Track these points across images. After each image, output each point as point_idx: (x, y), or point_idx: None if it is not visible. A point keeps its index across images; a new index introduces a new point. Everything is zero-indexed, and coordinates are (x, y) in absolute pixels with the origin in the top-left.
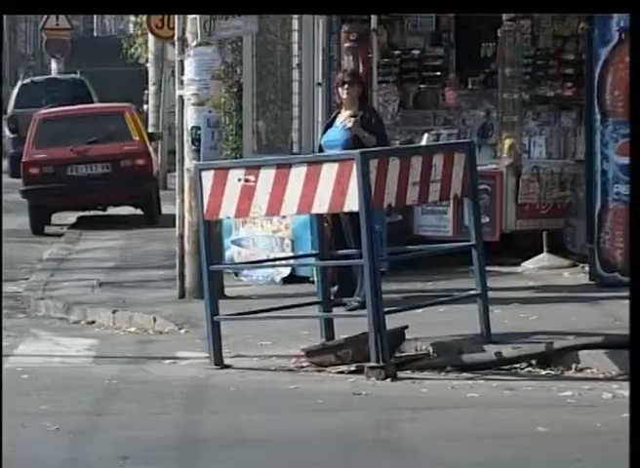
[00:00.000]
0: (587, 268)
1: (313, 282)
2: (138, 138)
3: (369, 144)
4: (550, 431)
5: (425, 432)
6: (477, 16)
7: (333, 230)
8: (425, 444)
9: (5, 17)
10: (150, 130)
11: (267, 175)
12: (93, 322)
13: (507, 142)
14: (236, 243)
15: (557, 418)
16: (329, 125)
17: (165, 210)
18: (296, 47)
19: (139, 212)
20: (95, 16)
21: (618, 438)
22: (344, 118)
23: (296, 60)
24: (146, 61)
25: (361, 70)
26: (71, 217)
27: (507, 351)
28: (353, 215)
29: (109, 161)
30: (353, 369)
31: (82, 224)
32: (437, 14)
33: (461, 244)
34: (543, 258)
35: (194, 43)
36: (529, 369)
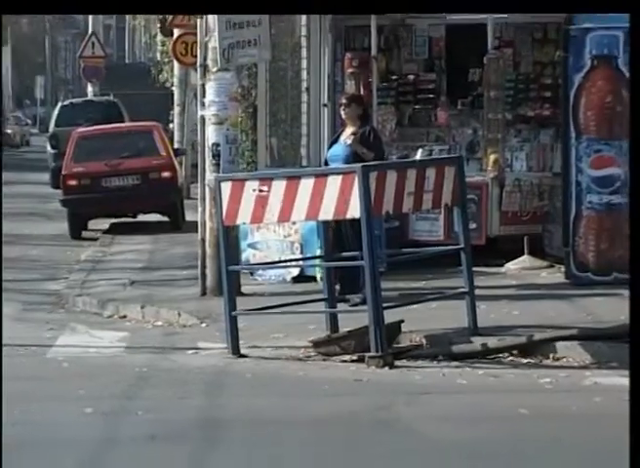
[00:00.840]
0: (563, 269)
1: (320, 280)
2: (164, 153)
3: (367, 159)
4: (531, 413)
5: (419, 414)
6: (465, 45)
7: (335, 234)
8: (420, 424)
9: (48, 42)
10: (175, 146)
11: (279, 186)
12: (124, 316)
13: (492, 157)
14: (251, 246)
15: (537, 402)
16: (334, 141)
17: (188, 217)
18: (304, 72)
19: (165, 218)
20: (127, 45)
21: (591, 420)
22: (347, 135)
23: (304, 84)
24: (172, 85)
25: (362, 93)
26: (105, 224)
27: (492, 342)
28: (354, 222)
29: (139, 173)
30: (355, 358)
31: (115, 230)
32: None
33: (451, 247)
34: (524, 260)
35: (214, 69)
36: (511, 358)
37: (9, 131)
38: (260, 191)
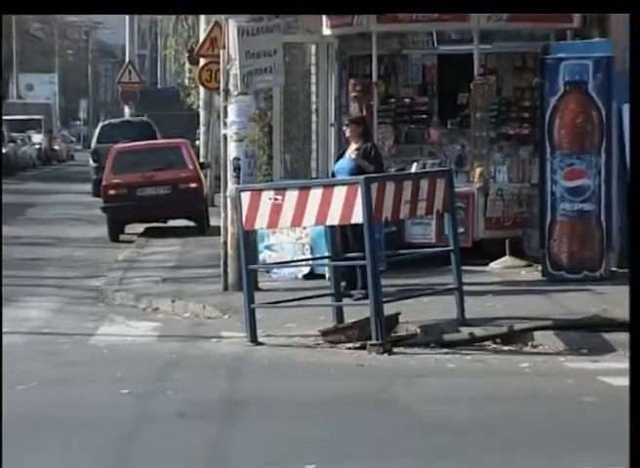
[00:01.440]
0: (540, 267)
1: (327, 278)
2: (191, 167)
3: (369, 171)
4: (512, 394)
5: (415, 395)
6: (454, 72)
7: (341, 237)
8: (415, 404)
9: (90, 70)
10: (201, 160)
11: (292, 195)
12: (157, 309)
13: (478, 170)
14: (268, 248)
15: (517, 384)
16: (340, 156)
17: (212, 222)
18: (314, 96)
19: (192, 224)
20: (159, 72)
21: (564, 399)
22: (351, 151)
23: (314, 106)
24: (198, 107)
25: (364, 114)
26: (140, 228)
27: (478, 332)
28: (357, 226)
29: (169, 184)
30: (358, 345)
31: (148, 233)
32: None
33: (442, 249)
34: (506, 260)
35: (235, 93)
36: (494, 345)
37: (57, 147)
38: (275, 200)
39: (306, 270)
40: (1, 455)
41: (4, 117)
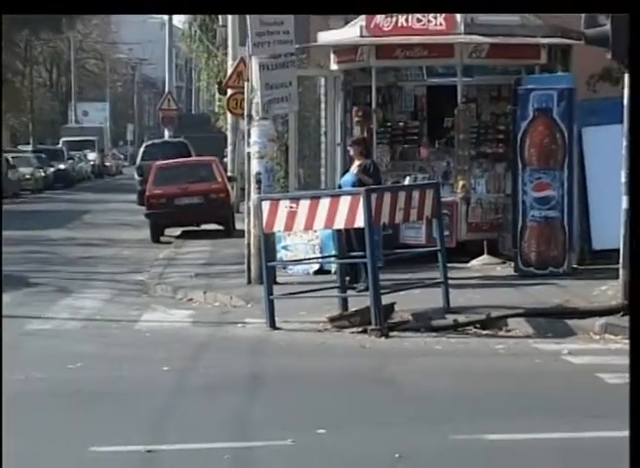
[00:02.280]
0: (512, 264)
1: (334, 273)
2: (220, 180)
3: (368, 184)
4: (489, 371)
5: (408, 371)
6: (441, 100)
7: (345, 239)
8: (409, 379)
9: (135, 99)
10: (229, 174)
11: (304, 204)
12: (191, 299)
13: (461, 183)
14: (284, 248)
15: (493, 362)
16: (345, 171)
17: (237, 226)
18: (323, 120)
19: (220, 228)
20: (193, 100)
21: (533, 375)
22: (354, 167)
23: (323, 129)
24: (226, 130)
25: (365, 136)
26: (177, 231)
27: (461, 318)
28: (359, 230)
29: (202, 195)
30: (360, 330)
31: (184, 236)
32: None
33: (431, 248)
34: (484, 258)
35: (257, 118)
36: (474, 330)
37: (108, 163)
38: (291, 207)
39: (316, 267)
40: (1, 455)
41: (65, 138)
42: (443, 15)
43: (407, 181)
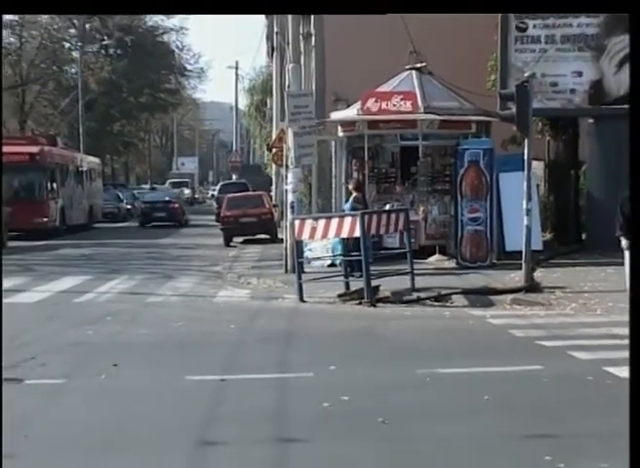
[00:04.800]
0: (455, 260)
1: (340, 266)
2: (268, 206)
3: (360, 209)
4: (440, 328)
5: (390, 329)
6: (409, 155)
7: (348, 243)
8: (388, 334)
9: (215, 155)
10: (273, 203)
11: (322, 222)
12: (249, 283)
13: (421, 208)
14: (309, 250)
15: (443, 323)
16: (346, 200)
17: (279, 236)
18: (334, 168)
19: (268, 237)
20: (251, 155)
21: (468, 331)
22: (352, 198)
23: (333, 173)
24: (272, 174)
25: (360, 178)
26: (240, 239)
27: (422, 295)
28: (357, 238)
29: (256, 216)
30: (357, 302)
31: (245, 242)
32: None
33: (403, 250)
34: (437, 257)
35: (292, 166)
36: (430, 303)
37: (197, 196)
38: (313, 224)
39: (329, 262)
40: (1, 455)
41: (170, 180)
42: (410, 101)
43: (387, 207)
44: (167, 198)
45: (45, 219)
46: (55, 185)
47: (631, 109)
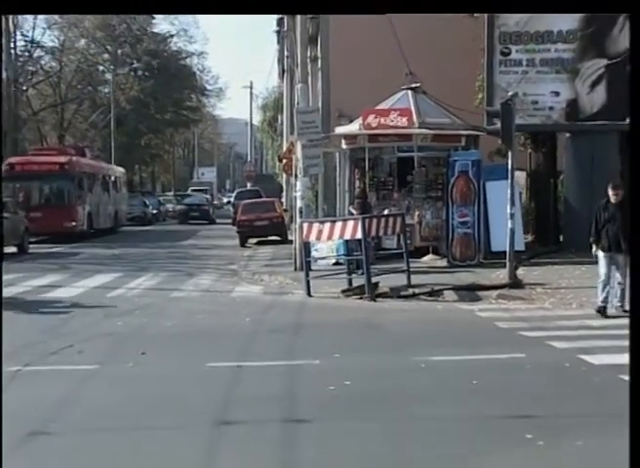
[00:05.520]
0: (446, 260)
1: (344, 264)
2: (279, 211)
3: (357, 214)
4: (433, 320)
5: (389, 321)
6: (406, 165)
7: (350, 244)
8: (386, 325)
9: (232, 166)
10: (284, 208)
11: (327, 225)
12: (262, 280)
13: (417, 213)
14: (315, 250)
15: (435, 315)
16: (350, 205)
17: (289, 237)
18: (338, 177)
19: (279, 238)
20: (264, 165)
21: (458, 323)
22: (355, 204)
23: (338, 182)
24: (282, 183)
25: (362, 186)
26: (254, 240)
27: (417, 290)
28: (359, 239)
29: (268, 219)
30: (359, 297)
31: (259, 243)
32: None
33: (400, 250)
34: (431, 256)
35: (300, 176)
36: (425, 297)
37: (216, 202)
38: (319, 227)
39: (334, 261)
40: (1, 455)
41: (191, 188)
42: (406, 117)
43: (386, 212)
44: (199, 202)
45: (73, 223)
46: (82, 192)
47: (631, 109)
